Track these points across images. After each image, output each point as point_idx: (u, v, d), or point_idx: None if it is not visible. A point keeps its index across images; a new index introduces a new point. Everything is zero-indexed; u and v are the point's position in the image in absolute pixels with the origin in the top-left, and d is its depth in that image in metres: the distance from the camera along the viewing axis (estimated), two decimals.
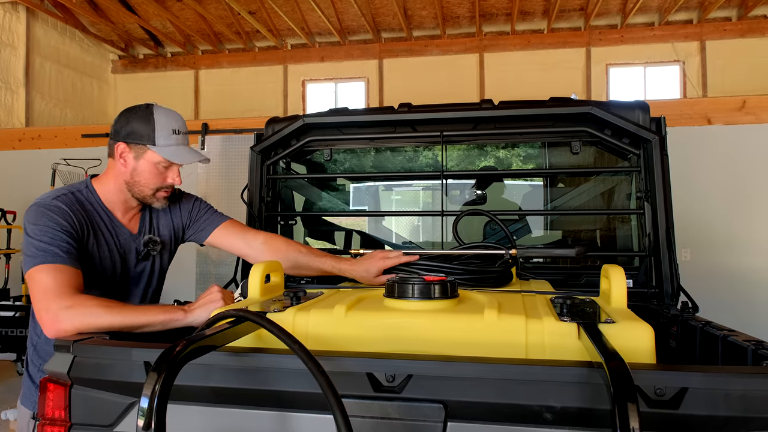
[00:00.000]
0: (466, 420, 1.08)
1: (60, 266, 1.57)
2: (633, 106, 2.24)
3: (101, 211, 1.80)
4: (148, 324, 1.55)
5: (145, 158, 1.77)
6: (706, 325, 1.69)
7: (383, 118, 2.48)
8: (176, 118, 1.82)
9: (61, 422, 1.27)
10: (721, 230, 5.75)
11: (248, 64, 10.82)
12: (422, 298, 1.35)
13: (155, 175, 1.79)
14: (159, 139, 1.75)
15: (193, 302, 1.64)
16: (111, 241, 1.79)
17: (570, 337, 1.19)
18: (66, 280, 1.56)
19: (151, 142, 1.75)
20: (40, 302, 1.55)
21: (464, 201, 3.34)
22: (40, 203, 1.68)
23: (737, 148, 5.78)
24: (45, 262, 1.57)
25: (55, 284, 1.54)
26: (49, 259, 1.57)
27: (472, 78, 9.99)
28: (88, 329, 1.48)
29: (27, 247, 1.62)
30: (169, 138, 1.77)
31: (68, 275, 1.58)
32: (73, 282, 1.58)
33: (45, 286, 1.55)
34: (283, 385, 1.13)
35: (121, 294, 1.83)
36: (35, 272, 1.57)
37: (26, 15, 8.77)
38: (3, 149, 7.32)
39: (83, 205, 1.75)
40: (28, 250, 1.61)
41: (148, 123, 1.75)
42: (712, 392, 1.00)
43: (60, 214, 1.65)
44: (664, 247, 2.13)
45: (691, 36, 9.38)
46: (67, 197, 1.72)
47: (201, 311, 1.58)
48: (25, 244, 1.63)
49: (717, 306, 2.90)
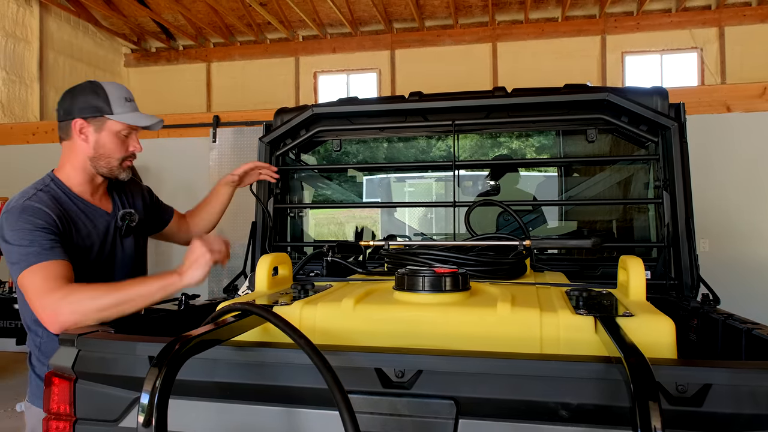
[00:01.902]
0: (478, 417, 1.04)
1: (44, 263, 1.56)
2: (651, 92, 2.18)
3: (74, 199, 1.78)
4: (147, 295, 1.55)
5: (106, 129, 1.78)
6: (728, 318, 1.63)
7: (394, 107, 2.44)
8: (123, 87, 1.85)
9: (67, 417, 1.25)
10: (741, 220, 5.63)
11: (260, 56, 10.81)
12: (433, 291, 1.31)
13: (118, 144, 1.80)
14: (115, 108, 1.77)
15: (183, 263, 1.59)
16: (90, 225, 1.78)
17: (586, 331, 1.14)
18: (53, 274, 1.55)
19: (109, 112, 1.76)
20: (35, 303, 1.55)
21: (477, 192, 3.29)
22: (12, 208, 1.65)
23: (758, 136, 5.65)
24: (30, 264, 1.56)
25: (44, 281, 1.54)
26: (33, 260, 1.56)
27: (485, 68, 9.89)
28: (89, 313, 1.49)
29: (9, 255, 1.60)
30: (124, 106, 1.79)
31: (55, 269, 1.56)
32: (61, 273, 1.57)
33: (36, 286, 1.54)
34: (289, 381, 1.10)
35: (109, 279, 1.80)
36: (24, 277, 1.57)
37: (39, 9, 8.83)
38: (18, 143, 7.37)
39: (56, 199, 1.73)
40: (11, 257, 1.60)
41: (98, 95, 1.76)
42: (737, 389, 0.96)
43: (34, 213, 1.63)
44: (683, 238, 2.07)
45: (709, 22, 9.20)
46: (36, 196, 1.69)
47: (194, 271, 1.55)
48: (7, 253, 1.61)
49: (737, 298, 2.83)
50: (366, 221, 4.62)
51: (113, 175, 1.84)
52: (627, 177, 2.60)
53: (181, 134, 6.58)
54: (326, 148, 2.80)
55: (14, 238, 1.59)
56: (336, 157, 2.75)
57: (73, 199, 1.78)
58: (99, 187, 1.86)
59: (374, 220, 4.52)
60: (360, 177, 3.58)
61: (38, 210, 1.64)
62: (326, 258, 2.08)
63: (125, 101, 1.80)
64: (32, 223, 1.61)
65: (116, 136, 1.79)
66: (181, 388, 0.96)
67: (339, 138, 2.52)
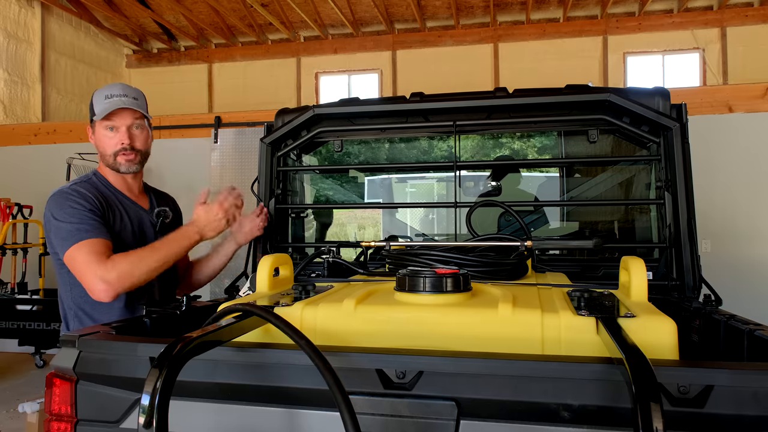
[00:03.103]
0: (479, 418, 1.04)
1: (91, 240, 1.77)
2: (652, 93, 2.17)
3: (113, 191, 2.00)
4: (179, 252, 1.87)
5: (96, 130, 1.98)
6: (730, 319, 1.62)
7: (395, 108, 2.43)
8: (113, 86, 2.00)
9: (68, 418, 1.25)
10: (744, 220, 5.63)
11: (261, 57, 10.82)
12: (434, 292, 1.31)
13: (107, 140, 1.97)
14: (97, 108, 1.94)
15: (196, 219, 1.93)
16: (127, 216, 1.99)
17: (588, 332, 1.14)
18: (99, 250, 1.77)
19: (93, 114, 1.96)
20: (85, 275, 1.76)
21: (479, 192, 3.29)
22: (60, 192, 1.88)
23: (760, 136, 5.65)
24: (78, 240, 1.77)
25: (92, 256, 1.75)
26: (82, 236, 1.77)
27: (487, 69, 9.88)
28: (137, 276, 1.77)
29: (57, 232, 1.81)
30: (103, 103, 1.94)
31: (100, 246, 1.78)
32: (105, 251, 1.78)
33: (85, 260, 1.75)
34: (290, 382, 1.10)
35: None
36: (72, 252, 1.77)
37: (41, 10, 8.84)
38: (20, 144, 7.39)
39: (97, 188, 1.95)
40: (59, 234, 1.80)
41: (92, 100, 1.97)
42: (739, 390, 0.95)
43: (80, 196, 1.85)
44: (685, 238, 2.06)
45: (711, 22, 9.18)
46: (81, 184, 1.93)
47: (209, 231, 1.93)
48: (55, 230, 1.82)
49: (739, 299, 2.82)
50: (367, 222, 4.63)
51: (116, 169, 2.00)
52: (628, 178, 2.59)
53: (183, 135, 6.59)
54: (327, 149, 2.80)
55: (64, 216, 1.80)
56: (337, 158, 2.75)
57: (113, 191, 2.00)
58: (132, 185, 2.07)
59: (375, 221, 4.52)
60: (361, 177, 3.58)
61: (84, 194, 1.87)
62: (327, 259, 2.08)
63: (105, 99, 1.94)
64: (79, 203, 1.83)
65: (104, 134, 1.96)
66: (182, 389, 0.96)
67: (340, 139, 2.52)
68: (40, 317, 5.74)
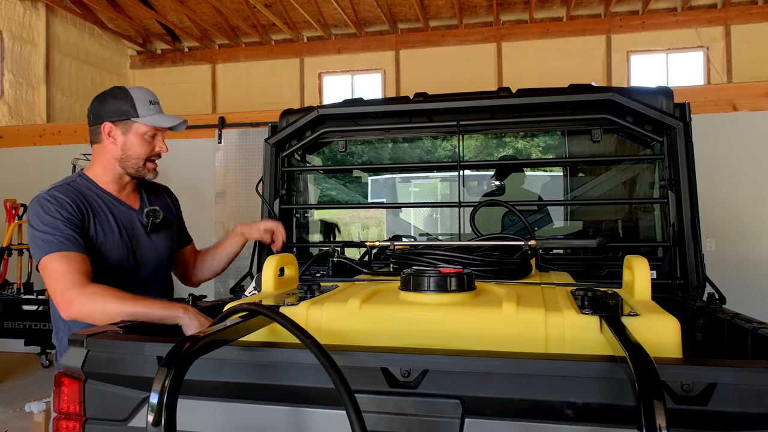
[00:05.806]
0: (484, 416, 1.04)
1: (67, 253, 1.70)
2: (656, 92, 2.18)
3: (99, 192, 1.90)
4: (150, 318, 1.63)
5: (132, 131, 1.89)
6: (734, 318, 1.63)
7: (398, 108, 2.44)
8: (148, 91, 1.95)
9: (76, 417, 1.26)
10: (748, 219, 5.61)
11: (265, 57, 10.84)
12: (438, 291, 1.31)
13: (144, 145, 1.91)
14: (141, 110, 1.87)
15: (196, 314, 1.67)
16: (112, 219, 1.89)
17: (592, 331, 1.15)
18: (76, 267, 1.69)
19: (135, 115, 1.87)
20: (54, 289, 1.68)
21: (482, 192, 3.30)
22: (37, 198, 1.80)
23: (764, 135, 5.63)
24: (52, 251, 1.69)
25: (67, 270, 1.67)
26: (55, 248, 1.69)
27: (490, 68, 9.87)
28: (95, 315, 1.62)
29: (33, 240, 1.74)
30: (148, 108, 1.89)
31: (76, 261, 1.70)
32: (82, 268, 1.70)
33: (58, 272, 1.68)
34: (296, 380, 1.11)
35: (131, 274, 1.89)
36: (46, 261, 1.70)
37: (46, 12, 8.88)
38: (25, 145, 7.43)
39: (80, 190, 1.86)
40: (34, 242, 1.74)
41: (126, 99, 1.87)
42: (742, 388, 0.96)
43: (58, 203, 1.77)
44: (689, 237, 2.07)
45: (715, 21, 9.15)
46: (63, 187, 1.84)
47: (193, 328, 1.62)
48: (31, 237, 1.76)
49: (743, 297, 2.82)
50: (371, 221, 4.63)
51: (140, 175, 1.95)
52: (632, 177, 2.59)
53: (187, 135, 6.58)
54: (331, 149, 2.81)
55: (38, 224, 1.74)
56: (341, 158, 2.76)
57: (96, 191, 1.90)
58: (126, 186, 1.98)
59: (379, 221, 4.53)
60: (365, 177, 3.59)
61: (62, 200, 1.78)
62: (332, 258, 2.09)
63: (150, 104, 1.90)
64: (57, 211, 1.75)
65: (142, 137, 1.89)
66: (189, 387, 0.97)
67: (344, 139, 2.53)
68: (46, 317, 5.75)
